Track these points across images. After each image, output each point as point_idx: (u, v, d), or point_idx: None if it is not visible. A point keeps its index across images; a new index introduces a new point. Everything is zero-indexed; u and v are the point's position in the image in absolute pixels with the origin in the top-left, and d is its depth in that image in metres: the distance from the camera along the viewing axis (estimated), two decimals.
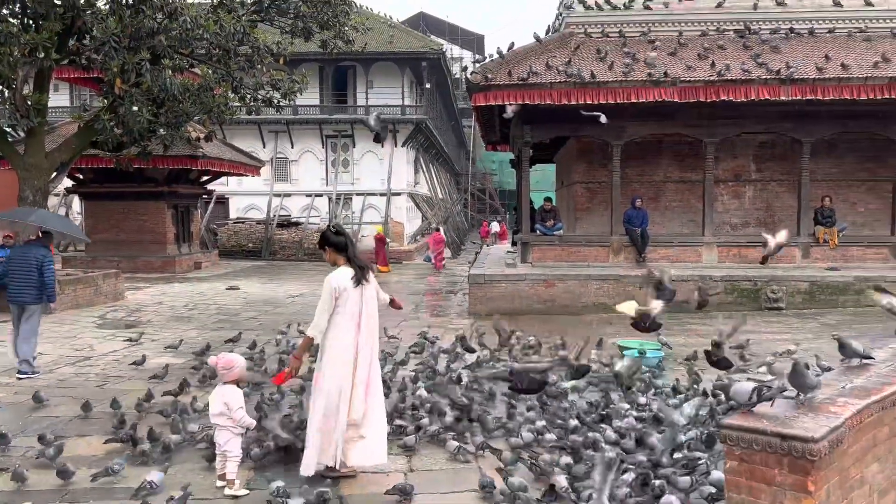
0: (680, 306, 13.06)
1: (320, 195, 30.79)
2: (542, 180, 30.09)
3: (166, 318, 12.68)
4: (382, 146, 29.41)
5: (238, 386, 4.85)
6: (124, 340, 10.22)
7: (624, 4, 14.81)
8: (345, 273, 4.67)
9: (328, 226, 4.97)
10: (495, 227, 35.98)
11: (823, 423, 2.78)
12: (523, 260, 14.60)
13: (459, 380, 6.90)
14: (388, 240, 25.43)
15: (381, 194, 30.19)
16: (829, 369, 5.12)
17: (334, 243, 4.74)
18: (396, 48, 29.10)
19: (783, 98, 12.70)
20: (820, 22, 14.62)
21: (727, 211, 15.46)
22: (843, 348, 4.13)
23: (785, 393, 4.62)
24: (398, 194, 30.69)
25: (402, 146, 30.83)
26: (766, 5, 14.61)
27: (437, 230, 26.97)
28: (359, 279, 4.67)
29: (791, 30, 14.54)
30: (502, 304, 13.02)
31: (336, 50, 14.85)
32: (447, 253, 27.18)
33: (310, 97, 26.30)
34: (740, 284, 12.99)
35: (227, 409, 4.62)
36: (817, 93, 12.66)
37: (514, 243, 17.66)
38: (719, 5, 14.61)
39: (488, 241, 31.57)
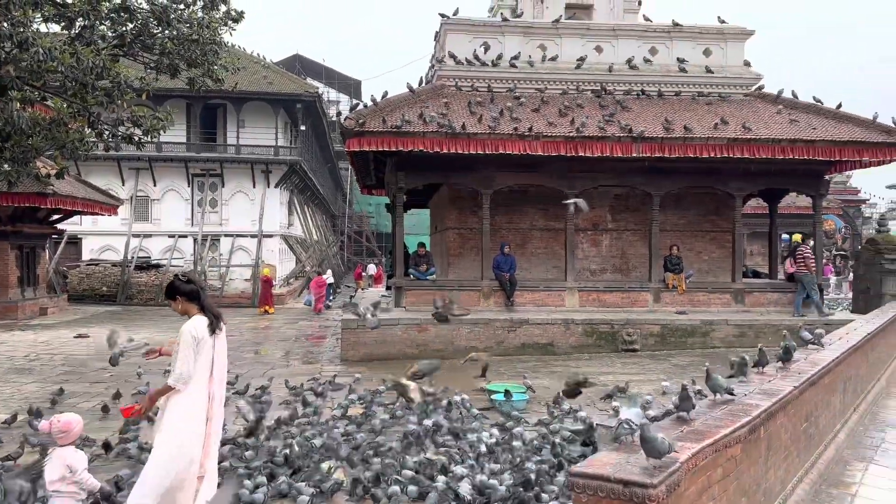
0: (545, 349, 13.65)
1: (185, 236, 29.39)
2: (419, 224, 30.49)
3: (3, 371, 11.50)
4: (254, 186, 28.70)
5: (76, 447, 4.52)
6: None
7: (492, 61, 15.55)
8: (201, 322, 4.61)
9: (176, 275, 4.88)
10: (372, 269, 35.90)
11: (661, 468, 2.98)
12: (397, 304, 14.64)
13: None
14: (273, 282, 25.48)
15: (252, 236, 29.30)
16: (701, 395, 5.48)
17: (186, 292, 4.64)
18: (270, 89, 28.74)
19: (635, 155, 13.76)
20: (667, 86, 16.06)
21: (587, 258, 16.38)
22: (710, 380, 4.42)
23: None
24: (270, 236, 29.93)
25: (275, 187, 30.22)
26: (619, 68, 15.86)
27: (319, 274, 26.85)
28: (213, 327, 4.62)
29: (642, 91, 15.86)
30: (375, 349, 12.95)
31: (204, 88, 14.45)
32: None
33: (175, 134, 25.28)
34: (599, 328, 13.72)
35: (71, 472, 4.29)
36: (665, 151, 13.83)
37: (388, 287, 17.68)
38: (578, 66, 15.69)
39: (362, 284, 31.37)
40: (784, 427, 4.42)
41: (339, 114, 27.97)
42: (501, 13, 16.85)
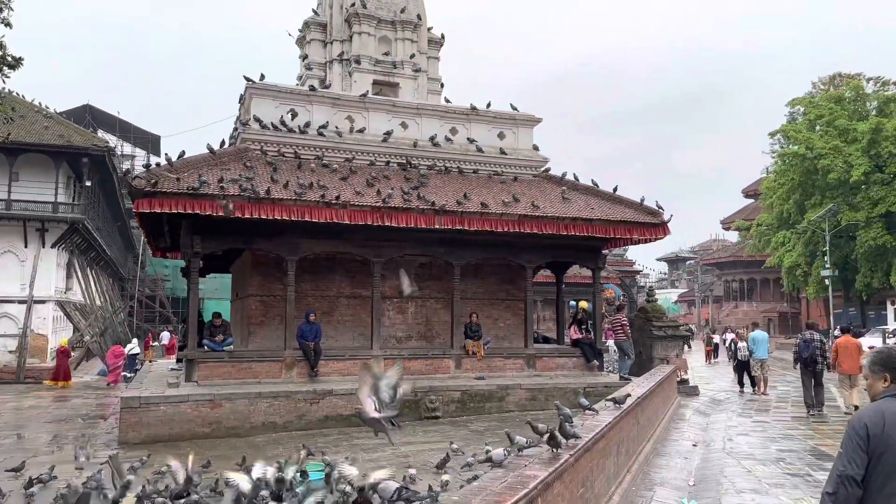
0: (349, 420, 13.34)
1: None
2: (222, 288, 28.87)
3: None
4: (26, 246, 25.59)
5: None
6: None
7: (299, 128, 15.53)
8: None
9: None
10: (165, 338, 33.13)
11: None
12: (188, 378, 13.58)
13: None
14: (72, 352, 23.59)
15: (21, 302, 25.88)
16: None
17: None
18: (51, 140, 26.12)
19: (437, 226, 14.33)
20: (467, 163, 17.05)
21: (393, 325, 16.53)
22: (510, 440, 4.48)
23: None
24: (43, 302, 26.63)
25: (52, 247, 27.14)
26: (423, 144, 16.60)
27: (118, 343, 24.63)
28: None
29: (445, 167, 16.69)
30: (160, 429, 11.82)
31: None
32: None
33: None
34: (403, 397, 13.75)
35: None
36: (464, 224, 14.57)
37: (178, 360, 16.40)
38: (385, 140, 16.18)
39: (151, 355, 28.74)
40: (561, 495, 4.65)
41: (127, 172, 26.04)
42: (310, 83, 16.98)
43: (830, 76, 45.76)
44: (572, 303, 34.19)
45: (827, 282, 34.25)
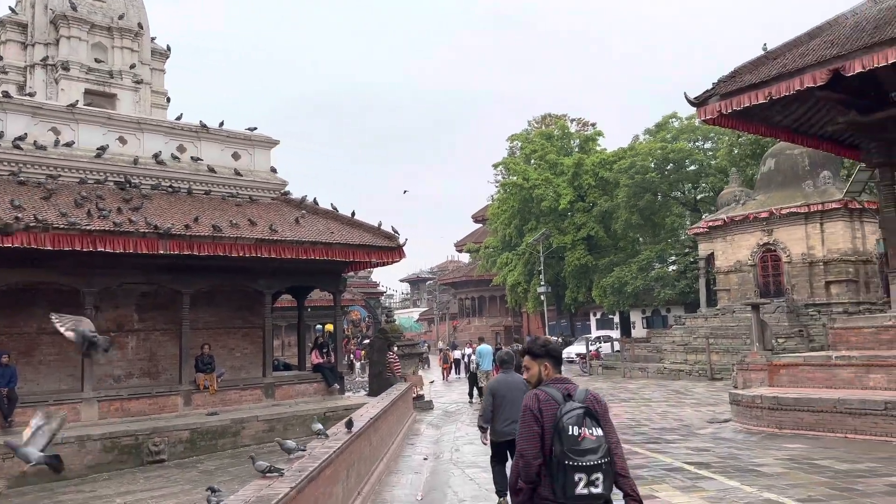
0: (51, 476, 11.63)
1: None
2: None
3: None
4: None
5: None
6: None
7: None
8: None
9: None
10: None
11: None
12: None
13: None
14: None
15: None
16: None
17: None
18: None
19: (162, 252, 13.22)
20: (198, 184, 16.06)
21: (111, 362, 14.83)
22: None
23: None
24: None
25: None
26: (146, 162, 15.29)
27: None
28: None
29: (171, 187, 15.53)
30: None
31: None
32: None
33: None
34: (121, 441, 12.39)
35: None
36: (194, 248, 13.64)
37: None
38: (98, 156, 14.59)
39: None
40: None
41: None
42: (4, 89, 14.73)
43: (542, 116, 51.97)
44: (318, 326, 33.99)
45: (542, 297, 38.49)
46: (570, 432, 3.16)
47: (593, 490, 3.11)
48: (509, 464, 5.18)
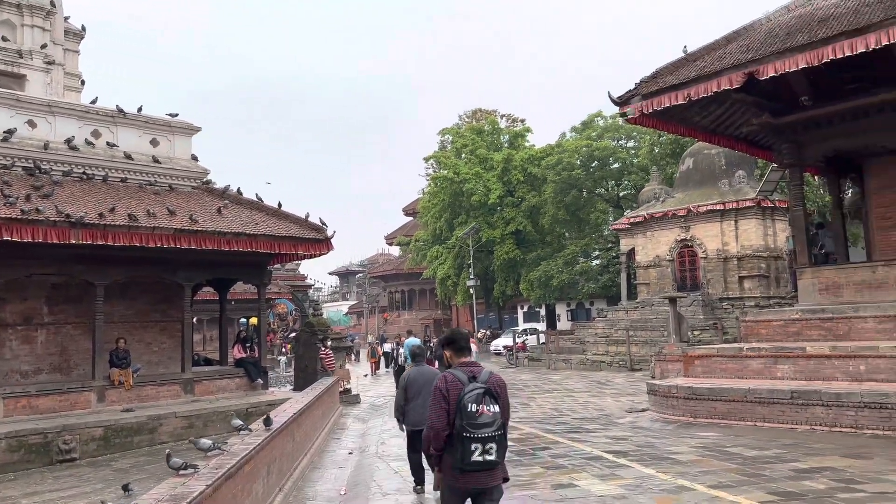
0: None
1: None
2: None
3: None
4: None
5: None
6: None
7: None
8: None
9: None
10: None
11: None
12: None
13: None
14: None
15: None
16: None
17: None
18: None
19: (74, 241, 12.54)
20: (114, 171, 15.30)
21: (17, 357, 14.01)
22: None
23: None
24: None
25: None
26: (57, 147, 14.47)
27: None
28: None
29: (85, 174, 14.76)
30: None
31: None
32: None
33: None
34: (28, 439, 11.73)
35: None
36: (108, 238, 12.98)
37: None
38: (5, 139, 13.70)
39: None
40: None
41: None
42: None
43: (473, 110, 52.36)
44: (243, 320, 33.10)
45: (472, 290, 38.82)
46: (470, 409, 3.82)
47: (487, 458, 3.81)
48: None
